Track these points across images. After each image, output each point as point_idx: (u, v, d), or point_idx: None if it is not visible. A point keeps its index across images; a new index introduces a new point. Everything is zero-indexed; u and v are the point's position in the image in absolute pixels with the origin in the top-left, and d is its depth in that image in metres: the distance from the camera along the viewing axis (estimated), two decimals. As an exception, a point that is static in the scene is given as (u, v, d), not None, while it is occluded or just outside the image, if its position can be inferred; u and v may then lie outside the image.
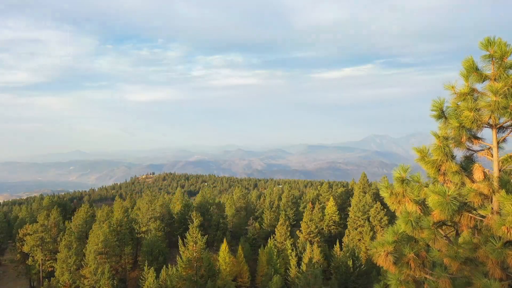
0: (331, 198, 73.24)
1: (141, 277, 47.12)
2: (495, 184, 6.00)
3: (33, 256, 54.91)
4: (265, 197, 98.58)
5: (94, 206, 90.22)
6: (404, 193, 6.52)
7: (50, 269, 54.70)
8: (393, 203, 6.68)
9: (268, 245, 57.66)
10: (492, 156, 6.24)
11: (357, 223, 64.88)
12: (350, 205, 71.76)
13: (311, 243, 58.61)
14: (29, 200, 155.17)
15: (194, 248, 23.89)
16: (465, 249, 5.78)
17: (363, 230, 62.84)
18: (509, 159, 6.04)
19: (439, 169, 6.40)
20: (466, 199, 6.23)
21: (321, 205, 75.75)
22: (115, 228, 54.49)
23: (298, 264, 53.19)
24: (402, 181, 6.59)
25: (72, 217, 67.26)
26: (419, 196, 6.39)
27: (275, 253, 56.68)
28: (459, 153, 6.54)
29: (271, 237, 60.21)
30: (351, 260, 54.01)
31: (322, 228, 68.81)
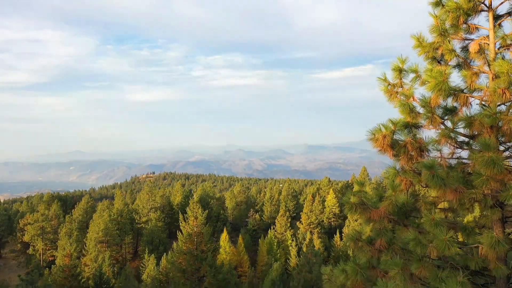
0: (331, 191, 73.34)
1: (142, 265, 47.24)
2: (492, 55, 6.07)
3: (33, 246, 55.00)
4: (265, 192, 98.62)
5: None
6: (401, 84, 6.59)
7: (50, 258, 54.78)
8: (390, 95, 6.74)
9: (269, 235, 57.75)
10: (488, 40, 6.31)
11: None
12: (350, 198, 71.80)
13: (311, 234, 58.69)
14: (30, 199, 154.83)
15: (195, 223, 23.93)
16: (461, 128, 5.92)
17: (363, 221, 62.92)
18: (506, 37, 6.11)
19: (435, 56, 6.47)
20: (463, 86, 6.33)
21: (321, 198, 75.81)
22: (115, 218, 54.58)
23: (298, 254, 53.21)
24: (400, 71, 6.66)
25: (73, 210, 67.35)
26: (416, 88, 6.49)
27: (275, 244, 56.78)
28: (457, 46, 6.62)
29: (271, 228, 60.33)
30: (352, 249, 54.07)
31: (323, 220, 68.82)
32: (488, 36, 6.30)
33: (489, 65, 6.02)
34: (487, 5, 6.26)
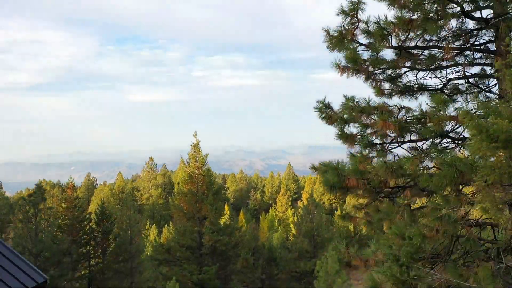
0: (332, 173, 73.52)
1: (142, 235, 47.26)
2: None
3: (35, 222, 55.04)
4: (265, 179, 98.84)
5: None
6: None
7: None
8: None
9: (270, 213, 57.95)
10: None
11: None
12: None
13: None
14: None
15: (196, 165, 24.00)
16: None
17: (364, 201, 63.02)
18: None
19: None
20: None
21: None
22: (116, 193, 54.68)
23: (299, 230, 53.34)
24: None
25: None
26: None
27: (276, 221, 56.92)
28: None
29: (272, 206, 60.58)
30: (353, 225, 54.16)
31: (324, 202, 68.93)
32: None
33: None
34: None
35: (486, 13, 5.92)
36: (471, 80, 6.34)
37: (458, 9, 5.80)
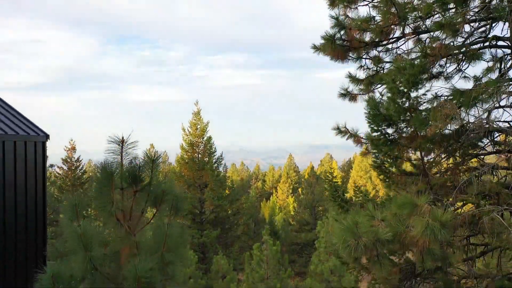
0: (334, 162, 73.56)
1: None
2: None
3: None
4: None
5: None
6: None
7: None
8: None
9: (271, 200, 57.98)
10: None
11: (359, 183, 65.25)
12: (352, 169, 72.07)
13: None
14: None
15: (196, 132, 24.01)
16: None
17: (365, 189, 63.26)
18: None
19: None
20: None
21: (323, 171, 76.25)
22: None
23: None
24: None
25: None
26: None
27: (277, 208, 56.95)
28: None
29: (273, 194, 60.62)
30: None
31: (324, 191, 69.12)
32: None
33: None
34: None
35: None
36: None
37: None
